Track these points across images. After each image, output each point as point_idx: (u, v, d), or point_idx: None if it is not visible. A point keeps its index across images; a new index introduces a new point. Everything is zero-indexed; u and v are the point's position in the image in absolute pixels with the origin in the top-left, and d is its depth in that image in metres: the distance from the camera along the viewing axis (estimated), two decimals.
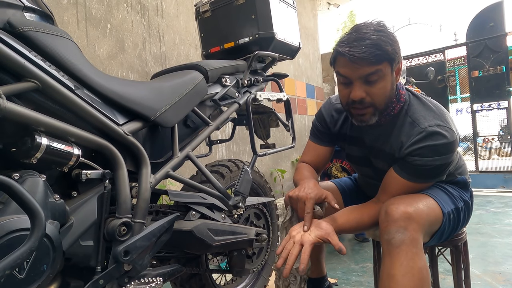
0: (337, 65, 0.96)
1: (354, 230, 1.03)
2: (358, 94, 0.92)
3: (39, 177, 0.65)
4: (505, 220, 2.70)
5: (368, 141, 1.09)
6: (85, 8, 1.77)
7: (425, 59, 4.63)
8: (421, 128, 0.93)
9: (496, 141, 4.28)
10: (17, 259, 0.51)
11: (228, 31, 1.39)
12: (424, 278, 0.82)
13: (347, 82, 0.95)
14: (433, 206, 0.94)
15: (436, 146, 0.90)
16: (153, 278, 0.86)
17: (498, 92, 4.03)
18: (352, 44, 0.88)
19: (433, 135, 0.91)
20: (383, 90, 0.92)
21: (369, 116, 0.96)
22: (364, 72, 0.89)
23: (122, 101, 0.83)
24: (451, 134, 0.91)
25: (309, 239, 0.88)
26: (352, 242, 2.39)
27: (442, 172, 0.97)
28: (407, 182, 0.96)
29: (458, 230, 1.07)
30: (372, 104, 0.94)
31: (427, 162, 0.92)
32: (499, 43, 4.00)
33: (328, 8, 5.22)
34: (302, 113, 4.11)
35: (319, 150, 1.22)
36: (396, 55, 0.90)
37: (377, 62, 0.88)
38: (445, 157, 0.92)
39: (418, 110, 0.98)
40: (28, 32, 0.65)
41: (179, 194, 1.07)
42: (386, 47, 0.87)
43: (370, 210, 1.00)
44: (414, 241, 0.83)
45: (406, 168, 0.96)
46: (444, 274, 1.68)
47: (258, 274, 1.49)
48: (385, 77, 0.91)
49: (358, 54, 0.86)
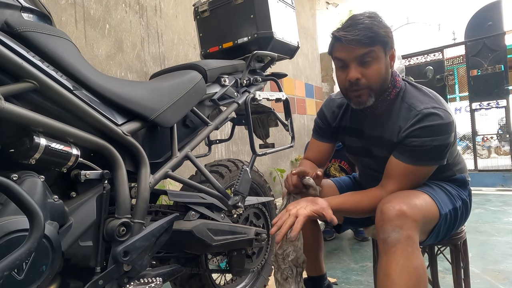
0: (334, 51, 1.01)
1: (352, 212, 1.02)
2: (354, 75, 0.96)
3: (38, 177, 0.65)
4: (504, 219, 2.70)
5: (367, 130, 1.10)
6: (83, 9, 1.77)
7: (424, 58, 4.63)
8: (417, 111, 0.96)
9: (495, 139, 4.29)
10: (16, 260, 0.51)
11: (226, 31, 1.39)
12: (420, 276, 0.83)
13: (343, 65, 0.99)
14: (430, 204, 0.95)
15: (432, 127, 0.93)
16: (153, 278, 0.86)
17: (497, 91, 4.03)
18: (347, 29, 0.94)
19: (429, 116, 0.94)
20: (377, 71, 0.96)
21: (366, 97, 0.99)
22: (359, 53, 0.94)
23: (121, 101, 0.83)
24: (447, 116, 0.94)
25: (304, 212, 0.90)
26: (352, 241, 2.39)
27: (441, 154, 0.97)
28: (408, 166, 0.97)
29: (455, 229, 1.07)
30: (367, 85, 0.97)
31: (424, 143, 0.94)
32: (497, 42, 4.00)
33: (326, 7, 5.22)
34: (301, 112, 4.11)
35: (321, 146, 1.25)
36: (388, 39, 0.96)
37: (371, 44, 0.93)
38: (442, 137, 0.94)
39: (414, 95, 1.01)
40: (26, 32, 0.65)
41: (178, 194, 1.06)
42: (379, 30, 0.93)
43: (371, 195, 1.00)
44: (409, 239, 0.84)
45: (405, 152, 0.97)
46: (443, 272, 1.68)
47: (258, 273, 1.49)
48: (379, 59, 0.96)
49: (352, 37, 0.92)
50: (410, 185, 0.99)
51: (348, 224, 1.28)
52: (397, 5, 8.50)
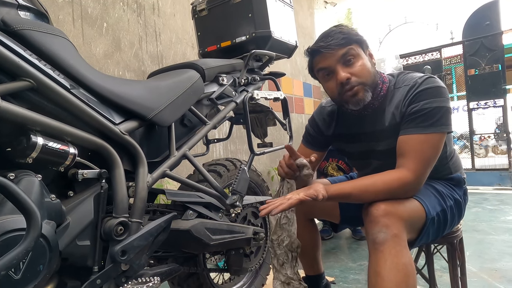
0: (315, 65, 1.05)
1: (361, 196, 0.94)
2: (343, 75, 0.98)
3: (35, 176, 0.65)
4: (501, 218, 2.71)
5: (369, 128, 1.08)
6: (80, 7, 1.76)
7: (421, 57, 4.64)
8: (412, 82, 1.00)
9: (492, 139, 4.31)
10: (13, 260, 0.51)
11: (225, 30, 1.39)
12: (409, 272, 0.84)
13: (329, 73, 1.03)
14: (416, 204, 0.95)
15: (429, 89, 0.96)
16: (151, 277, 0.85)
17: (494, 90, 4.04)
18: (321, 41, 1.01)
19: (423, 81, 0.98)
20: (363, 66, 1.00)
21: (362, 93, 1.00)
22: (340, 54, 0.99)
23: (119, 100, 0.83)
24: (440, 82, 0.98)
25: (297, 196, 0.91)
26: (350, 241, 2.40)
27: (445, 118, 0.94)
28: (418, 136, 0.94)
29: (449, 229, 1.07)
30: (359, 82, 0.99)
31: (424, 106, 0.95)
32: (495, 42, 4.01)
33: (325, 6, 5.22)
34: (299, 111, 4.11)
35: (309, 154, 1.23)
36: (361, 38, 1.02)
37: (347, 44, 0.98)
38: (441, 99, 0.95)
39: (405, 78, 1.05)
40: (22, 30, 0.65)
41: (176, 194, 1.06)
42: (349, 31, 1.00)
43: (387, 177, 0.93)
44: (396, 238, 0.85)
45: (410, 122, 0.96)
46: (440, 271, 1.69)
47: (256, 273, 1.49)
48: (360, 56, 1.00)
49: (327, 43, 0.99)
50: (429, 157, 0.94)
51: (345, 224, 1.28)
52: (395, 4, 8.51)
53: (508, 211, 2.90)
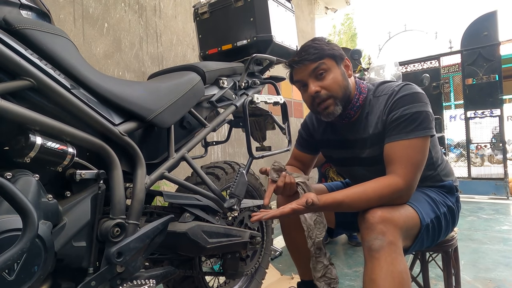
0: (293, 77, 1.09)
1: (353, 204, 0.94)
2: (313, 88, 1.03)
3: (32, 176, 0.64)
4: (496, 227, 2.72)
5: (352, 137, 1.12)
6: (82, 7, 1.76)
7: (420, 65, 4.67)
8: (390, 91, 1.03)
9: (489, 148, 4.33)
10: (8, 261, 0.50)
11: (226, 33, 1.39)
12: (404, 280, 0.85)
13: (304, 85, 1.06)
14: (411, 211, 0.96)
15: (405, 96, 0.99)
16: (146, 280, 0.85)
17: (491, 100, 4.08)
18: (297, 56, 1.05)
19: (400, 89, 1.01)
20: (333, 80, 1.03)
21: (333, 107, 1.04)
22: (310, 68, 1.02)
23: (118, 101, 0.82)
24: (418, 88, 1.01)
25: (290, 205, 0.93)
26: (345, 246, 2.39)
27: (426, 122, 0.96)
28: (402, 142, 0.96)
29: (443, 237, 1.08)
30: (329, 95, 1.03)
31: (403, 112, 0.97)
32: (492, 52, 4.05)
33: (325, 12, 5.25)
34: (298, 116, 4.12)
35: (302, 157, 1.29)
36: (334, 51, 1.04)
37: (318, 58, 1.01)
38: (420, 104, 0.97)
39: (383, 87, 1.07)
40: (24, 30, 0.65)
41: (173, 196, 1.06)
42: (322, 46, 1.03)
43: (377, 184, 0.94)
44: (392, 245, 0.86)
45: (393, 129, 0.99)
46: (435, 279, 1.69)
47: (251, 276, 1.48)
48: (331, 69, 1.03)
49: (300, 58, 1.03)
50: (416, 162, 0.95)
51: (341, 228, 1.28)
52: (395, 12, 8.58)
53: (503, 221, 2.91)
